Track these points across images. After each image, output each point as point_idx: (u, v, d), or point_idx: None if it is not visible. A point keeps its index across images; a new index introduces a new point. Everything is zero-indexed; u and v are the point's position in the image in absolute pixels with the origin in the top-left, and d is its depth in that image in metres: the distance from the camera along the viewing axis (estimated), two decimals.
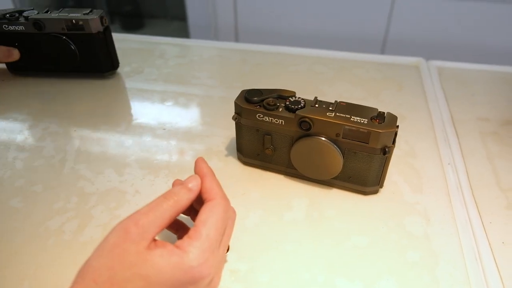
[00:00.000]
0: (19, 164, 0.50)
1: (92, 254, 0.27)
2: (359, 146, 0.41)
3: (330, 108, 0.41)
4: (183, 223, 0.36)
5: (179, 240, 0.29)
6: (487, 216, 0.44)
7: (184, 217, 0.36)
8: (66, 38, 0.62)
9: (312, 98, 0.43)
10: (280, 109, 0.43)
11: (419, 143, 0.54)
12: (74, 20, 0.60)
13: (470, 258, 0.39)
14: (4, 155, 0.51)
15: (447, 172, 0.49)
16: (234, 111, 0.45)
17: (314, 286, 0.37)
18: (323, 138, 0.41)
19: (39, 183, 0.47)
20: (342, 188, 0.46)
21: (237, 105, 0.44)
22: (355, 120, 0.40)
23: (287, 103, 0.42)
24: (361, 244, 0.40)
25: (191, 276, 0.28)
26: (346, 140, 0.41)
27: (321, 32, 1.36)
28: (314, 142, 0.42)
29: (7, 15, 0.60)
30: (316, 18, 1.34)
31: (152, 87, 0.66)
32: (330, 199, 0.45)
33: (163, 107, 0.61)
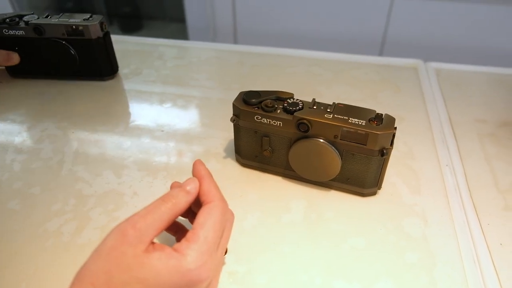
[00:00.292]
0: (17, 166, 0.50)
1: (90, 257, 0.27)
2: (357, 147, 0.41)
3: (328, 110, 0.41)
4: (182, 225, 0.36)
5: (177, 243, 0.29)
6: (485, 218, 0.44)
7: (182, 219, 0.36)
8: (66, 43, 0.62)
9: (310, 100, 0.43)
10: (278, 110, 0.43)
11: (417, 145, 0.54)
12: (74, 26, 0.60)
13: (468, 260, 0.39)
14: (2, 157, 0.51)
15: (445, 174, 0.49)
16: (232, 112, 0.45)
17: None
18: (321, 140, 0.42)
19: (37, 185, 0.47)
20: (340, 189, 0.46)
21: (235, 106, 0.44)
22: (353, 121, 0.40)
23: (285, 104, 0.43)
24: (359, 246, 0.40)
25: (189, 279, 0.28)
26: (344, 142, 0.41)
27: (320, 33, 1.37)
28: (312, 143, 0.42)
29: (7, 20, 0.60)
30: (315, 19, 1.34)
31: (150, 88, 0.66)
32: (328, 200, 0.45)
33: (161, 109, 0.61)
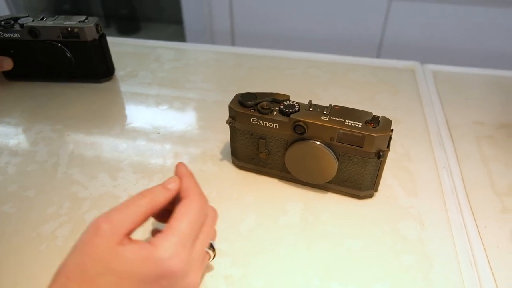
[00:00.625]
0: (11, 169, 0.49)
1: (68, 253, 0.28)
2: (354, 150, 0.41)
3: (325, 112, 0.41)
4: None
5: (152, 237, 0.29)
6: (482, 220, 0.44)
7: None
8: (61, 46, 0.62)
9: (307, 102, 0.43)
10: (274, 113, 0.42)
11: (414, 147, 0.54)
12: (69, 28, 0.60)
13: (465, 262, 0.39)
14: None
15: (442, 176, 0.49)
16: (228, 115, 0.45)
17: None
18: (318, 142, 0.41)
19: (32, 188, 0.47)
20: (337, 192, 0.46)
21: (231, 109, 0.44)
22: (350, 124, 0.40)
23: (281, 107, 0.42)
24: (355, 248, 0.40)
25: (161, 269, 0.28)
26: (340, 144, 0.41)
27: (317, 35, 1.37)
28: (309, 146, 0.42)
29: (2, 22, 0.60)
30: (313, 22, 1.34)
31: (146, 90, 0.66)
32: (324, 203, 0.45)
33: (157, 111, 0.61)
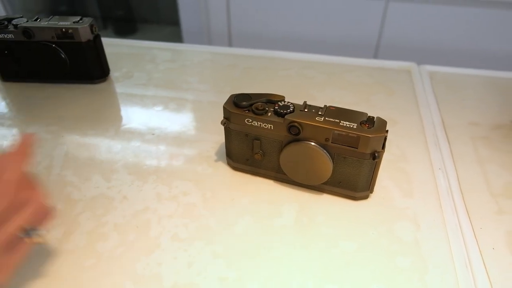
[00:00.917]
0: None
1: None
2: (349, 151, 0.41)
3: (320, 113, 0.41)
4: None
5: None
6: (478, 222, 0.43)
7: None
8: (56, 47, 0.61)
9: (303, 102, 0.43)
10: (269, 113, 0.42)
11: (410, 148, 0.54)
12: (63, 29, 0.60)
13: (460, 264, 0.39)
14: None
15: (438, 177, 0.49)
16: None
17: None
18: (313, 143, 0.41)
19: None
20: (332, 193, 0.46)
21: (225, 109, 0.44)
22: (344, 124, 0.40)
23: (276, 107, 0.42)
24: (351, 250, 0.40)
25: None
26: (335, 145, 0.41)
27: (315, 37, 1.37)
28: (303, 147, 0.42)
29: None
30: (310, 23, 1.34)
31: (141, 92, 0.65)
32: (320, 204, 0.45)
33: (152, 112, 0.61)
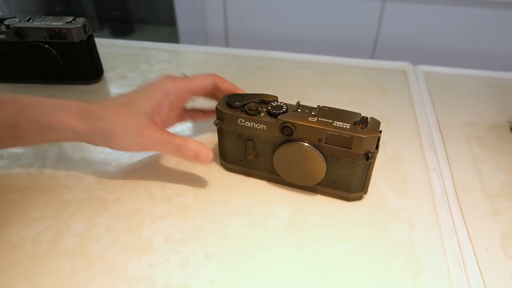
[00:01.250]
0: None
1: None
2: (342, 151, 0.40)
3: (313, 113, 0.41)
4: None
5: None
6: (472, 223, 0.43)
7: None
8: (48, 47, 0.61)
9: (296, 103, 0.42)
10: (262, 114, 0.42)
11: (405, 148, 0.54)
12: (56, 29, 0.59)
13: (454, 265, 0.38)
14: None
15: (432, 178, 0.49)
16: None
17: None
18: (306, 144, 0.41)
19: (16, 191, 0.46)
20: (326, 194, 0.45)
21: (218, 110, 0.44)
22: (337, 125, 0.39)
23: (269, 108, 0.42)
24: (344, 251, 0.40)
25: None
26: (329, 146, 0.40)
27: (312, 37, 1.37)
28: (297, 147, 0.41)
29: None
30: (308, 23, 1.34)
31: None
32: (313, 205, 0.45)
33: None
